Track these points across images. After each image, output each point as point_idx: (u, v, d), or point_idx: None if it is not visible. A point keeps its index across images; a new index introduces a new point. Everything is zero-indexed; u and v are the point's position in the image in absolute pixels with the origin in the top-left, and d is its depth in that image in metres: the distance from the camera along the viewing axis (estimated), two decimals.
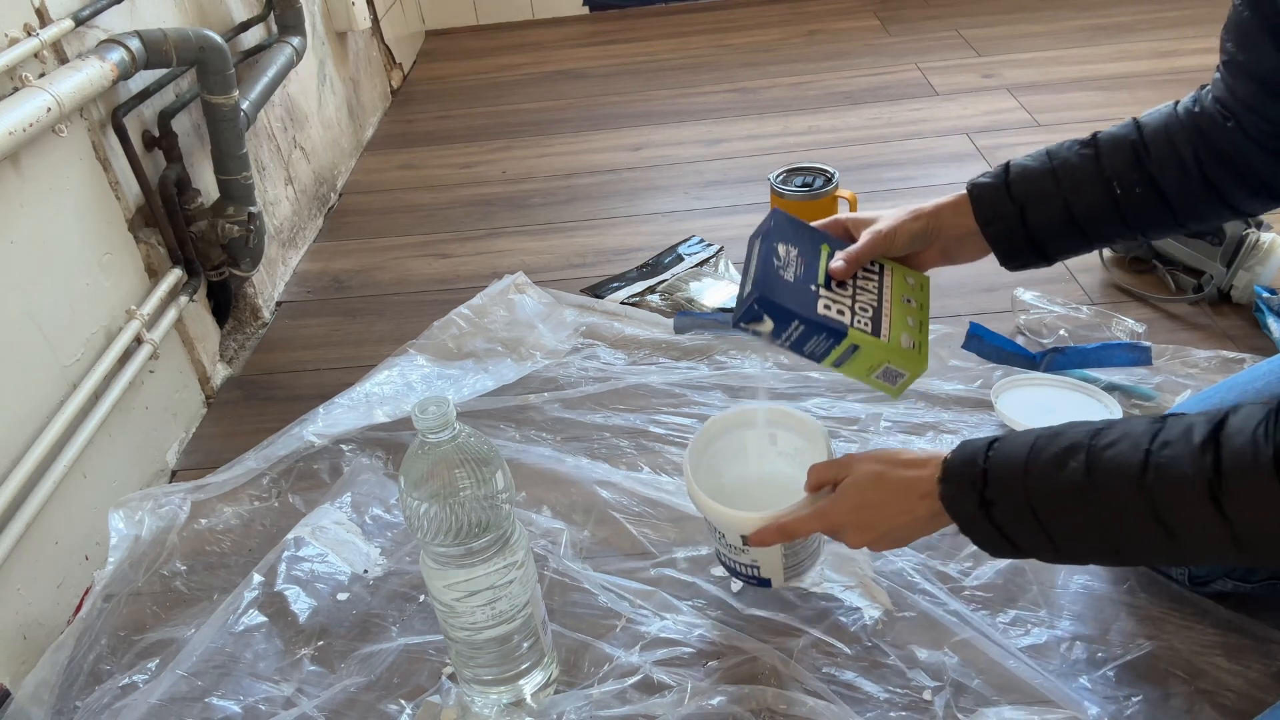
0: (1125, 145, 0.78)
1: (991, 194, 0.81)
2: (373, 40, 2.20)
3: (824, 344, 0.78)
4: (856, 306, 0.79)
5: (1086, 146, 0.79)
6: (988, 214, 0.81)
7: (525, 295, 1.42)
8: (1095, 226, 0.80)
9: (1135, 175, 0.77)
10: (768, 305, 0.76)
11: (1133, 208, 0.78)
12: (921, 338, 0.81)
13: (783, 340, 0.78)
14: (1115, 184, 0.77)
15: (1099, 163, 0.78)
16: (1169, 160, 0.76)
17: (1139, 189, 0.77)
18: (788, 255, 0.80)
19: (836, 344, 0.77)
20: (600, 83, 2.25)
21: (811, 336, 0.77)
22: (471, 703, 0.85)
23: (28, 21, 1.00)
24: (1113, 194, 0.78)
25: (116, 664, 0.93)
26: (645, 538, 1.02)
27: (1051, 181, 0.79)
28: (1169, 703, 0.81)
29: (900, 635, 0.89)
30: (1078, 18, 2.24)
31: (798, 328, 0.77)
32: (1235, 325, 1.25)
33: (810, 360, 0.79)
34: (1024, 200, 0.80)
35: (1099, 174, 0.78)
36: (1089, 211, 0.79)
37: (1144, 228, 0.80)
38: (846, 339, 0.77)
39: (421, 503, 0.73)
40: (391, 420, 1.19)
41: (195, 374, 1.31)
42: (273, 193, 1.56)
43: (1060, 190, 0.79)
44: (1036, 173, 0.80)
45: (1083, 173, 0.79)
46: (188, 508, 1.10)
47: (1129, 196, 0.77)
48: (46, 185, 1.03)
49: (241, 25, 1.49)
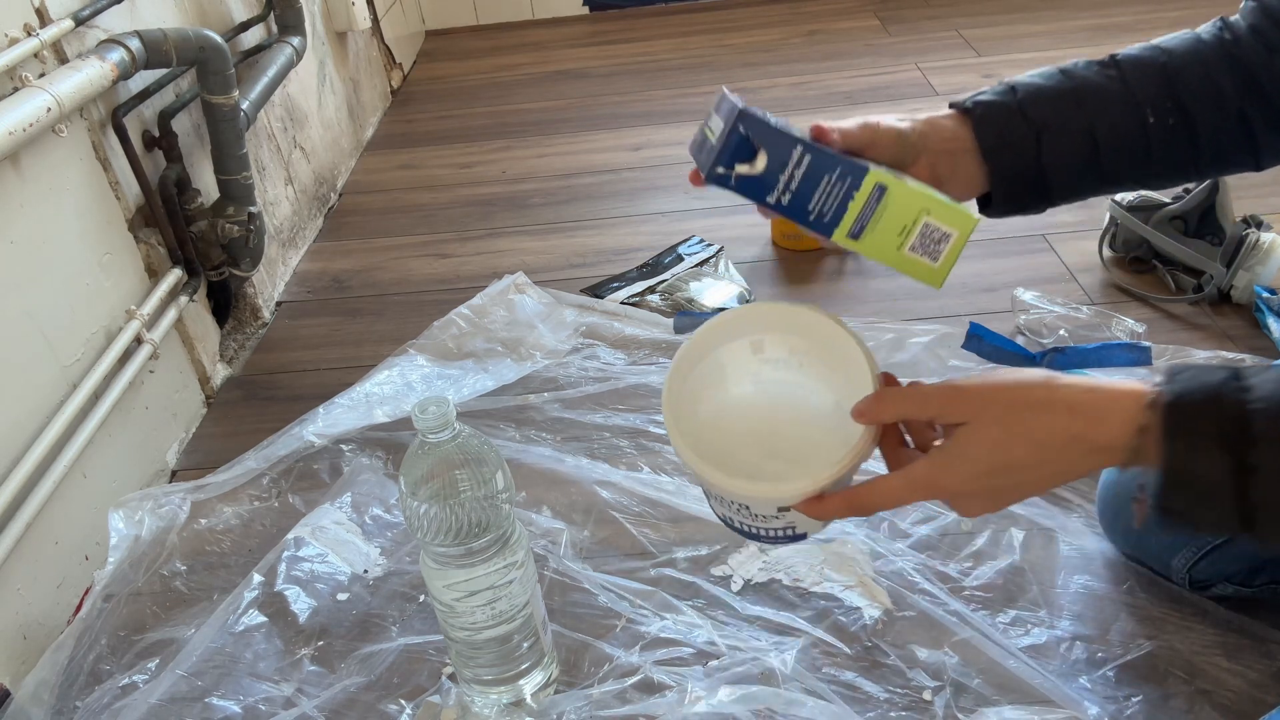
0: (1154, 68, 0.66)
1: (1001, 115, 0.65)
2: (373, 40, 2.20)
3: (839, 189, 0.58)
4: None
5: (1108, 67, 0.66)
6: (994, 139, 0.65)
7: (525, 295, 1.42)
8: (1116, 163, 0.67)
9: (1168, 103, 0.65)
10: (756, 129, 0.56)
11: (1161, 142, 0.66)
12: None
13: (780, 189, 0.58)
14: (1148, 111, 0.65)
15: (1126, 86, 0.65)
16: (1205, 90, 0.65)
17: (1172, 119, 0.65)
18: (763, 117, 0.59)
19: (855, 188, 0.58)
20: (600, 83, 2.24)
21: (822, 177, 0.58)
22: (471, 703, 0.85)
23: (28, 21, 1.00)
24: (1144, 123, 0.65)
25: (116, 664, 0.93)
26: (645, 538, 1.02)
27: (1073, 104, 0.65)
28: (1169, 703, 0.81)
29: (900, 635, 0.89)
30: (1078, 18, 2.24)
31: (802, 161, 0.57)
32: (1235, 325, 1.25)
33: (817, 230, 0.60)
34: (1042, 124, 0.65)
35: (1129, 98, 0.65)
36: (1116, 143, 0.66)
37: (1165, 169, 0.69)
38: (869, 178, 0.58)
39: (421, 503, 0.73)
40: (391, 420, 1.19)
41: (195, 374, 1.31)
42: (273, 193, 1.56)
43: (1085, 115, 0.65)
44: (1053, 93, 0.66)
45: (1110, 96, 0.65)
46: (188, 508, 1.10)
47: (1161, 128, 0.65)
48: (46, 185, 1.03)
49: (241, 25, 1.49)
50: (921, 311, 1.34)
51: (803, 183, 0.58)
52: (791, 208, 0.58)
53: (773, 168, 0.57)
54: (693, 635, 0.91)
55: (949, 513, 1.00)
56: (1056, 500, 1.01)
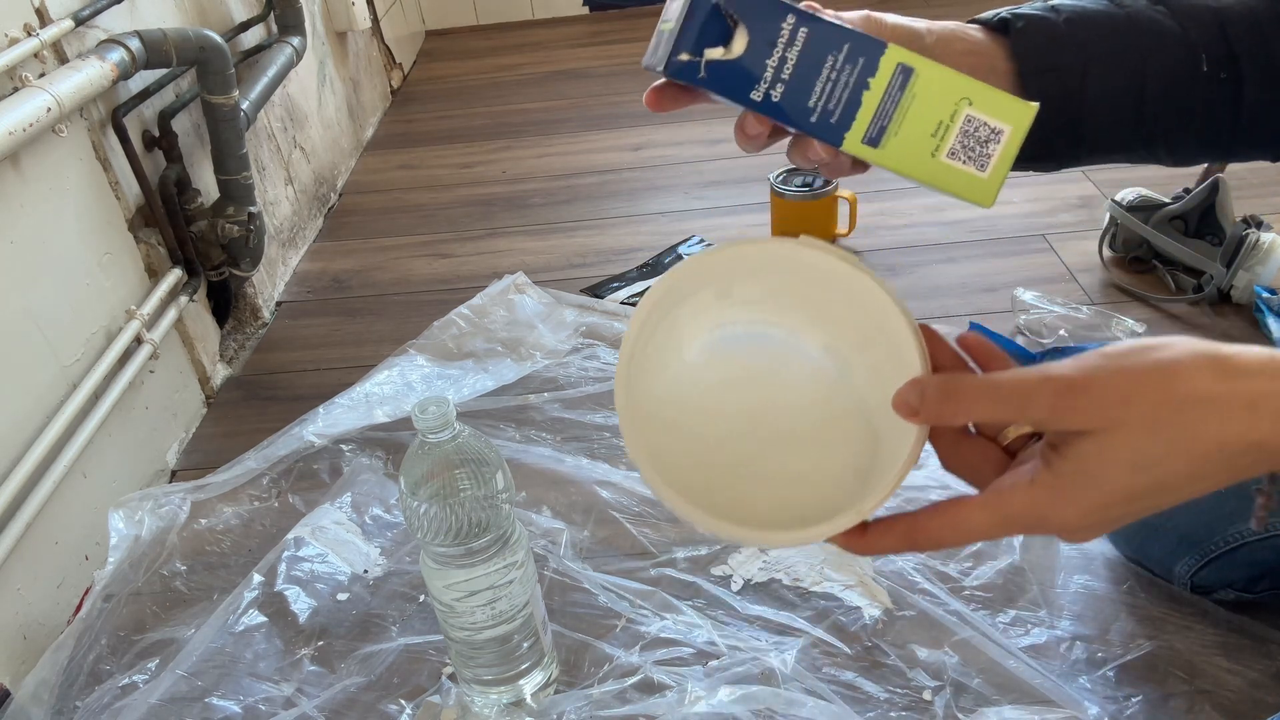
0: (1204, 10, 0.55)
1: (1046, 35, 0.53)
2: (373, 40, 2.20)
3: (849, 74, 0.43)
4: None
5: (1156, 2, 0.55)
6: (1036, 61, 0.53)
7: (525, 295, 1.42)
8: (1158, 115, 0.56)
9: (1221, 49, 0.55)
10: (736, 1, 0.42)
11: (1208, 97, 0.56)
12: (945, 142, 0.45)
13: (769, 79, 0.43)
14: (1203, 57, 0.55)
15: (1181, 26, 0.55)
16: (1257, 47, 0.55)
17: (1224, 73, 0.55)
18: None
19: (872, 69, 0.43)
20: (600, 83, 2.24)
21: (826, 56, 0.43)
22: (471, 703, 0.85)
23: (28, 21, 1.00)
24: (1197, 71, 0.55)
25: (116, 664, 0.93)
26: (645, 538, 1.02)
27: (1127, 36, 0.54)
28: (1169, 703, 0.81)
29: (900, 635, 0.89)
30: None
31: (798, 34, 0.43)
32: (1235, 325, 1.25)
33: (822, 135, 0.45)
34: (1091, 54, 0.54)
35: (1184, 39, 0.55)
36: (1164, 91, 0.55)
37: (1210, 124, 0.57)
38: (888, 55, 0.43)
39: (421, 503, 0.73)
40: (391, 420, 1.19)
41: (195, 374, 1.31)
42: (273, 193, 1.56)
43: (1138, 52, 0.54)
44: (1105, 20, 0.54)
45: (1166, 34, 0.55)
46: (188, 508, 1.10)
47: (1211, 81, 0.55)
48: (46, 185, 1.03)
49: (241, 25, 1.49)
50: (921, 311, 1.34)
51: (799, 67, 0.43)
52: (786, 105, 0.43)
53: (757, 48, 0.42)
54: (693, 635, 0.91)
55: None
56: None
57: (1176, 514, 0.83)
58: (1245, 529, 0.79)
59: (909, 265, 1.44)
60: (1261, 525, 0.65)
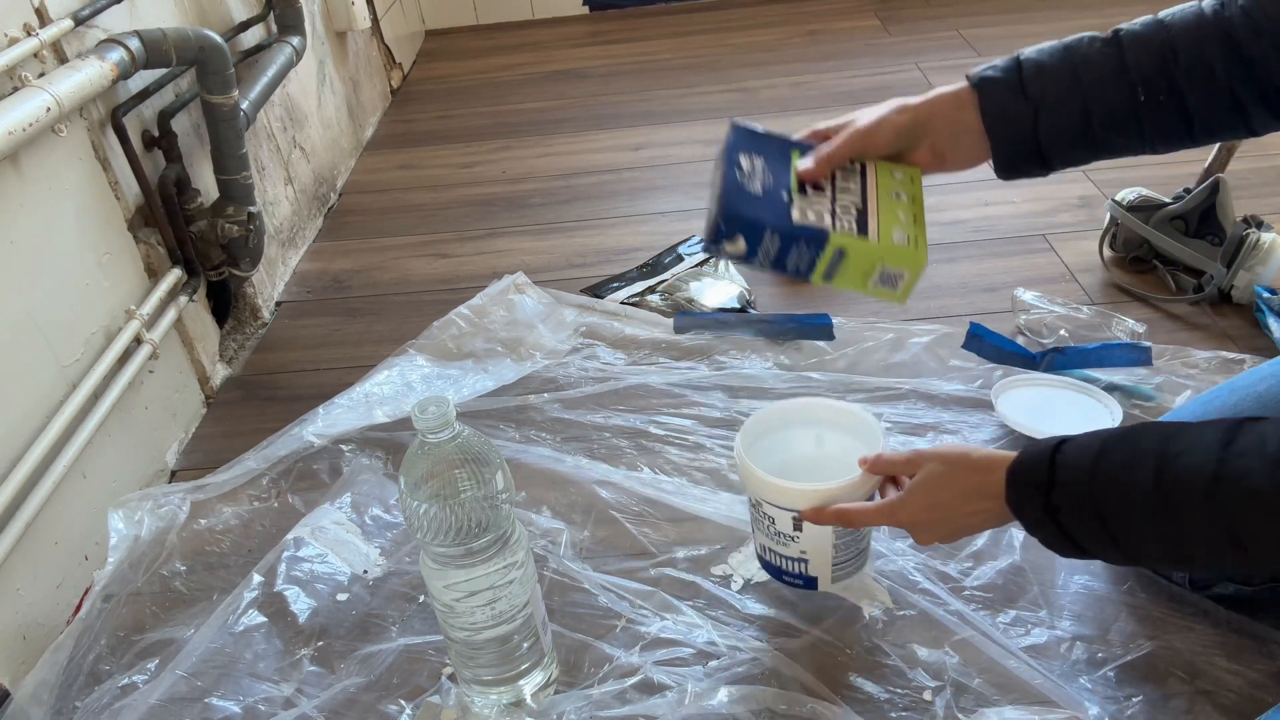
0: (1153, 46, 0.70)
1: (1003, 90, 0.72)
2: (373, 40, 2.20)
3: (806, 254, 0.70)
4: (837, 208, 0.71)
5: (1109, 45, 0.72)
6: (996, 113, 0.72)
7: (525, 295, 1.42)
8: (1108, 135, 0.72)
9: (1161, 81, 0.70)
10: (735, 221, 0.69)
11: (1152, 117, 0.71)
12: (917, 231, 0.72)
13: (760, 258, 0.71)
14: (1140, 89, 0.70)
15: (1123, 63, 0.71)
16: (1198, 70, 0.69)
17: (1163, 96, 0.70)
18: (752, 167, 0.73)
19: (820, 252, 0.70)
20: (600, 83, 2.24)
21: (790, 248, 0.70)
22: (471, 703, 0.85)
23: (27, 21, 1.00)
24: (1135, 100, 0.70)
25: (116, 664, 0.93)
26: (645, 538, 1.02)
27: (1071, 81, 0.71)
28: (1169, 703, 0.81)
29: (901, 635, 0.89)
30: (1078, 18, 2.25)
31: (773, 240, 0.70)
32: (1235, 325, 1.25)
33: (797, 278, 0.73)
34: (1040, 100, 0.72)
35: (1123, 75, 0.71)
36: (1107, 118, 0.71)
37: (1156, 140, 0.73)
38: (830, 244, 0.69)
39: (421, 503, 0.73)
40: (391, 420, 1.19)
41: (195, 374, 1.31)
42: (272, 193, 1.56)
43: (1081, 91, 0.71)
44: (1055, 70, 0.72)
45: (1106, 73, 0.71)
46: (187, 508, 1.10)
47: (1152, 104, 0.70)
48: (46, 185, 1.03)
49: (241, 25, 1.49)
50: (922, 312, 1.34)
51: (778, 255, 0.71)
52: (774, 267, 0.72)
53: (751, 247, 0.71)
54: (693, 635, 0.90)
55: None
56: None
57: None
58: None
59: None
60: None
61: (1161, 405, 1.11)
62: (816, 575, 0.87)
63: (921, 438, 1.11)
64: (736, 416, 1.17)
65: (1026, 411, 1.10)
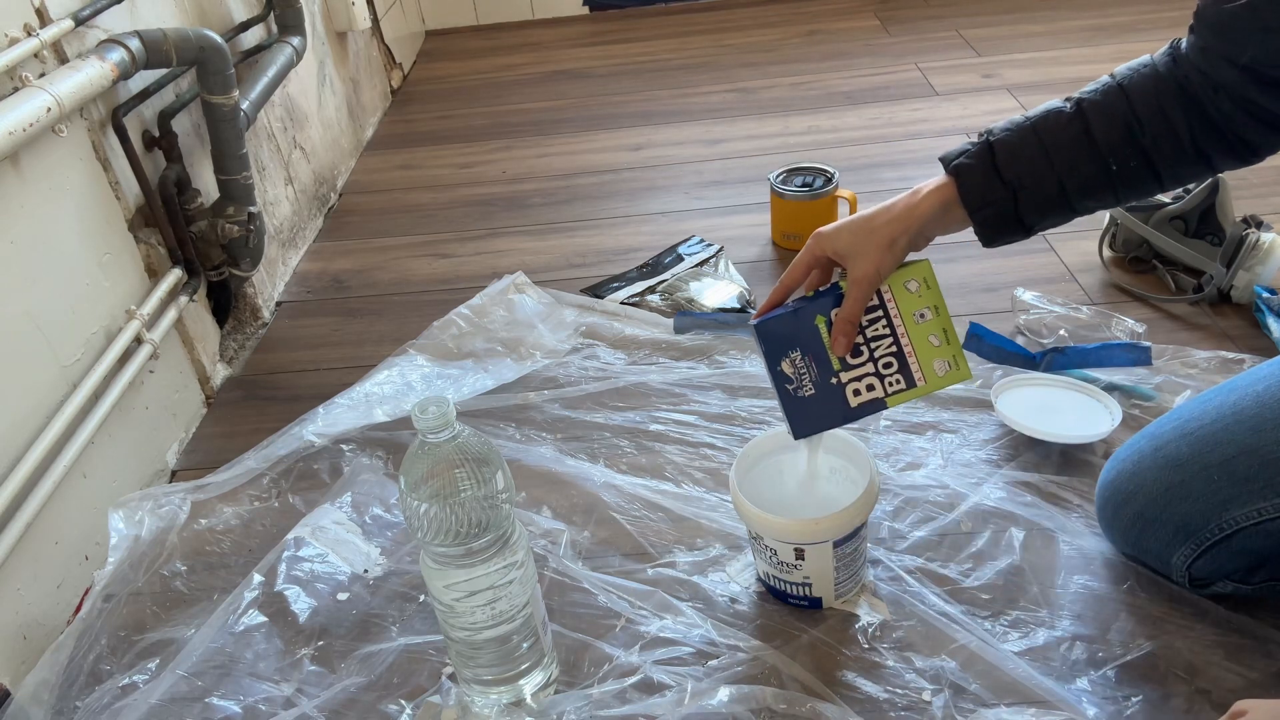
0: (1117, 118, 0.76)
1: (980, 179, 0.78)
2: (373, 40, 2.20)
3: (875, 417, 0.93)
4: (880, 367, 0.81)
5: (1075, 119, 0.77)
6: (977, 201, 0.79)
7: (525, 295, 1.42)
8: (1084, 201, 0.79)
9: (1129, 149, 0.76)
10: (808, 433, 0.82)
11: (1124, 181, 0.77)
12: (953, 349, 0.81)
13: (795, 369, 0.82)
14: (1111, 160, 0.76)
15: (1091, 137, 0.76)
16: (1164, 134, 0.75)
17: (1133, 163, 0.76)
18: (795, 368, 0.81)
19: (884, 410, 0.82)
20: (600, 83, 2.25)
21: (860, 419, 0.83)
22: (471, 703, 0.85)
23: (28, 21, 1.00)
24: (1108, 170, 0.76)
25: (116, 664, 0.93)
26: (645, 538, 1.02)
27: (1044, 161, 0.77)
28: (1169, 703, 0.81)
29: (900, 636, 0.89)
30: (1078, 18, 2.24)
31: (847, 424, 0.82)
32: (1235, 325, 1.25)
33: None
34: (1017, 184, 0.77)
35: (1093, 151, 0.76)
36: (1082, 189, 0.78)
37: (1129, 196, 0.79)
38: (888, 408, 0.81)
39: (421, 503, 0.73)
40: (391, 420, 1.19)
41: (195, 374, 1.31)
42: (273, 193, 1.56)
43: (1054, 170, 0.77)
44: (1027, 153, 0.77)
45: (1077, 150, 0.76)
46: (188, 508, 1.10)
47: (1124, 171, 0.76)
48: (46, 185, 1.03)
49: (241, 25, 1.49)
50: None
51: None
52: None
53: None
54: (692, 635, 0.91)
55: (948, 514, 1.00)
56: (1056, 500, 1.01)
57: (1171, 506, 0.84)
58: (1239, 515, 0.80)
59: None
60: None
61: (1161, 405, 1.11)
62: (821, 595, 0.91)
63: (921, 436, 1.11)
64: (736, 414, 1.17)
65: (1026, 411, 1.10)
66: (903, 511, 1.02)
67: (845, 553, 0.88)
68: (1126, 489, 0.89)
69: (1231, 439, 0.82)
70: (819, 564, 0.88)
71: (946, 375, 0.80)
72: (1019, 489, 1.02)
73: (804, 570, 0.88)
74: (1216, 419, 0.84)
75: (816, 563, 0.87)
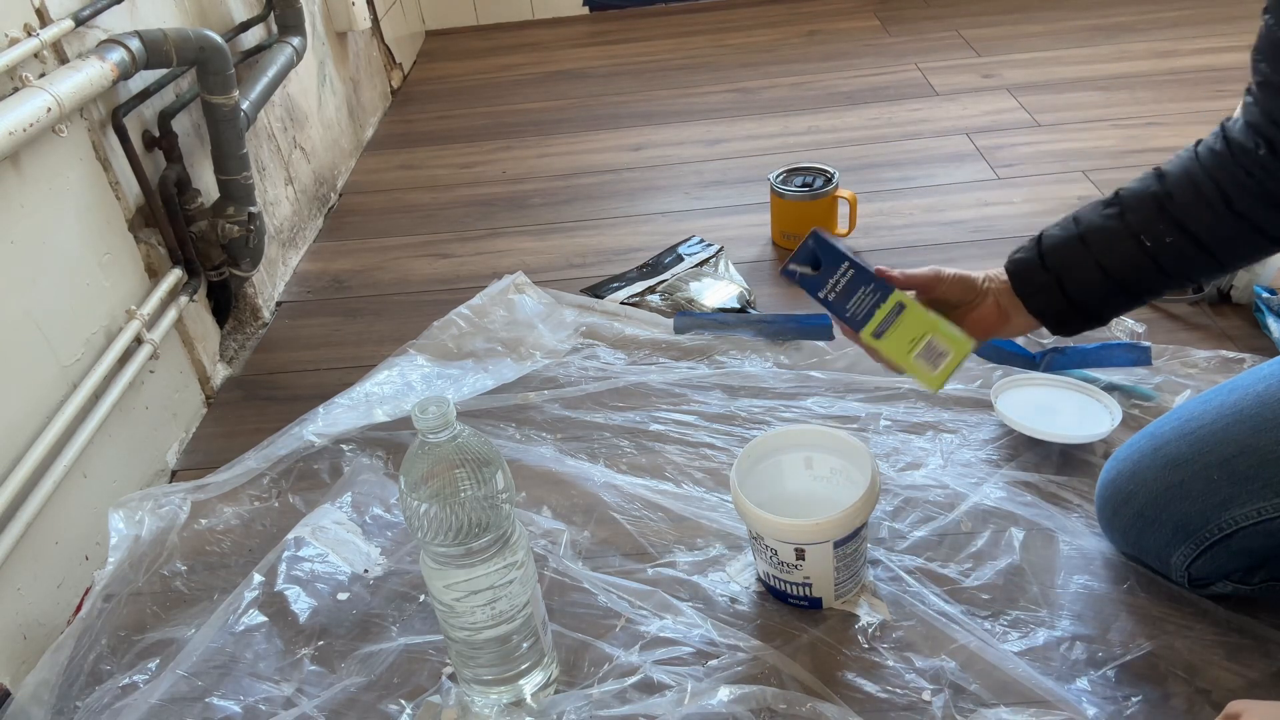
0: (1148, 197, 0.79)
1: (1026, 268, 0.84)
2: (373, 40, 2.20)
3: (871, 297, 0.80)
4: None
5: (1110, 205, 0.81)
6: (1026, 288, 0.84)
7: (525, 295, 1.42)
8: (1136, 282, 0.81)
9: (1161, 225, 0.78)
10: (822, 245, 0.81)
11: (1168, 257, 0.79)
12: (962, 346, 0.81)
13: (828, 289, 0.81)
14: (1143, 237, 0.79)
15: (1124, 219, 0.80)
16: (1194, 203, 0.77)
17: (1169, 238, 0.78)
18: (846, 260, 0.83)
19: (881, 301, 0.79)
20: (600, 83, 2.25)
21: (860, 286, 0.80)
22: (471, 703, 0.85)
23: (28, 21, 1.00)
24: (1143, 247, 0.79)
25: (116, 664, 0.93)
26: (645, 538, 1.02)
27: (1081, 247, 0.81)
28: (1169, 703, 0.81)
29: (900, 636, 0.89)
30: (1078, 18, 2.25)
31: (847, 272, 0.80)
32: (1235, 325, 1.25)
33: (850, 326, 0.81)
34: (1059, 270, 0.82)
35: (1126, 230, 0.79)
36: (1124, 269, 0.80)
37: (1186, 274, 0.80)
38: (893, 297, 0.79)
39: (421, 503, 0.73)
40: (391, 420, 1.19)
41: (195, 374, 1.31)
42: (273, 193, 1.56)
43: (1091, 254, 0.81)
44: (1064, 240, 0.82)
45: (1109, 232, 0.80)
46: (188, 508, 1.10)
47: (1160, 247, 0.78)
48: (46, 185, 1.03)
49: (241, 25, 1.49)
50: None
51: (845, 289, 0.80)
52: (834, 304, 0.81)
53: (823, 276, 0.80)
54: (692, 635, 0.91)
55: (948, 514, 1.01)
56: (1056, 500, 1.01)
57: (1171, 505, 0.85)
58: (1239, 514, 0.80)
59: (908, 265, 1.43)
60: None
61: (1161, 405, 1.11)
62: (821, 596, 0.91)
63: (921, 436, 1.11)
64: (736, 414, 1.17)
65: (1026, 411, 1.10)
66: (903, 511, 1.02)
67: (845, 553, 0.88)
68: (1127, 488, 0.89)
69: (1232, 438, 0.82)
70: (819, 564, 0.88)
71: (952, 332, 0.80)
72: (1019, 489, 1.02)
73: (804, 570, 0.88)
74: (1217, 418, 0.84)
75: (817, 563, 0.87)
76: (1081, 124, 1.78)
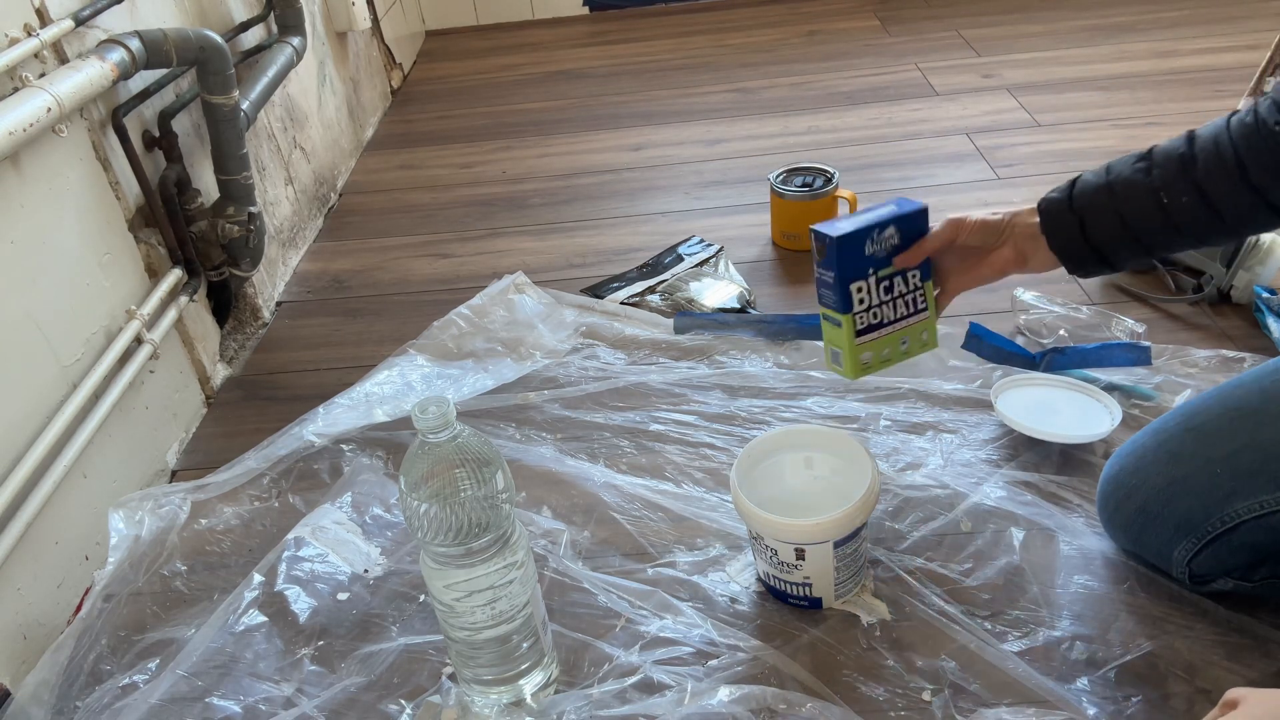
0: (1175, 157, 0.82)
1: (1056, 206, 0.88)
2: (373, 40, 2.20)
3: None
4: (872, 312, 0.94)
5: (1141, 160, 0.84)
6: (1051, 225, 0.88)
7: (525, 295, 1.42)
8: (1150, 236, 0.84)
9: (1181, 184, 0.81)
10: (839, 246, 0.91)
11: (1182, 216, 0.82)
12: (875, 366, 0.96)
13: (817, 274, 0.93)
14: (1163, 194, 0.81)
15: (1150, 175, 0.83)
16: (1215, 169, 0.79)
17: (1185, 198, 0.81)
18: (883, 236, 0.94)
19: (835, 311, 0.94)
20: (600, 83, 2.25)
21: (831, 293, 0.93)
22: (471, 703, 0.85)
23: (28, 21, 1.00)
24: (1161, 203, 0.82)
25: (116, 664, 0.93)
26: (645, 538, 1.02)
27: (1107, 194, 0.85)
28: (1169, 703, 0.81)
29: (900, 636, 0.89)
30: (1078, 18, 2.25)
31: (827, 275, 0.93)
32: (1235, 325, 1.25)
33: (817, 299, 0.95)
34: (1083, 213, 0.86)
35: (1148, 186, 0.82)
36: (1141, 222, 0.84)
37: (1198, 235, 0.83)
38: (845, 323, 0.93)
39: (421, 503, 0.73)
40: (391, 420, 1.19)
41: (195, 374, 1.31)
42: (273, 193, 1.56)
43: (1114, 203, 0.84)
44: (1094, 186, 0.86)
45: (1134, 185, 0.83)
46: (188, 508, 1.10)
47: (1176, 205, 0.81)
48: (46, 185, 1.03)
49: (241, 25, 1.49)
50: None
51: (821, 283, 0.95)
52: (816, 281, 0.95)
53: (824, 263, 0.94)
54: (692, 635, 0.91)
55: (948, 514, 1.00)
56: (1056, 500, 1.01)
57: (1174, 500, 0.85)
58: (1241, 508, 0.81)
59: None
60: None
61: (1161, 405, 1.11)
62: (821, 596, 0.91)
63: (921, 436, 1.11)
64: (736, 414, 1.17)
65: (1026, 411, 1.10)
66: (903, 511, 1.02)
67: (845, 553, 0.88)
68: (1129, 484, 0.89)
69: (1235, 433, 0.82)
70: (819, 564, 0.88)
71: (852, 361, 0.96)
72: (1019, 489, 1.02)
73: (804, 570, 0.88)
74: (1220, 414, 0.85)
75: (817, 563, 0.87)
76: (1081, 124, 1.78)
